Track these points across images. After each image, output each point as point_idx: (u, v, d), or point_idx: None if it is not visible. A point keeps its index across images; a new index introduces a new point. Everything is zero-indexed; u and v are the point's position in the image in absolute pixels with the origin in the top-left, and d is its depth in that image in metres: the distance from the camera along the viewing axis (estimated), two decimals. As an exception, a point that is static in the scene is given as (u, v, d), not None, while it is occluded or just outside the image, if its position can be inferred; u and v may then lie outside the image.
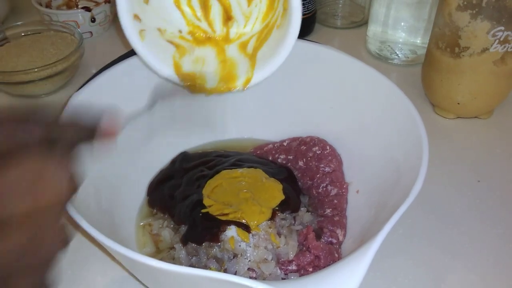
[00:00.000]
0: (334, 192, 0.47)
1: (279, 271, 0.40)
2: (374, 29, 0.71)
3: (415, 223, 0.47)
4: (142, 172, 0.50)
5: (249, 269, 0.40)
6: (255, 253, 0.40)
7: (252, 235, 0.41)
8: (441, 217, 0.49)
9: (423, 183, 0.35)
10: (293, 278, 0.40)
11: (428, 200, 0.49)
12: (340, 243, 0.43)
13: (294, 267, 0.40)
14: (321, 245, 0.41)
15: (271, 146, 0.53)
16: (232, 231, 0.41)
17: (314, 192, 0.48)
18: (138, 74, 0.46)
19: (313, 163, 0.49)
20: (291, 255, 0.41)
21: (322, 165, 0.48)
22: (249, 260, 0.40)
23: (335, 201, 0.46)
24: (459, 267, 0.44)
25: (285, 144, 0.52)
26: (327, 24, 0.81)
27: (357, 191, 0.47)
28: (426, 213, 0.49)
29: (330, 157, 0.49)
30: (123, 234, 0.43)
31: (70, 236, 0.27)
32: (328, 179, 0.48)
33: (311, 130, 0.52)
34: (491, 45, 0.52)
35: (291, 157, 0.51)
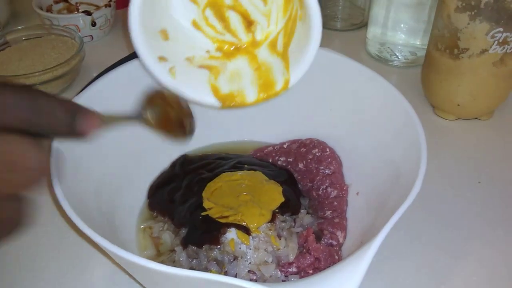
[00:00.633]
0: (334, 194, 0.47)
1: (279, 273, 0.40)
2: (373, 31, 0.71)
3: (415, 225, 0.47)
4: (142, 175, 0.50)
5: (249, 271, 0.40)
6: (255, 256, 0.40)
7: (252, 238, 0.41)
8: (441, 219, 0.49)
9: (422, 185, 0.35)
10: (293, 280, 0.40)
11: (428, 201, 0.50)
12: (340, 245, 0.43)
13: (294, 269, 0.40)
14: (321, 247, 0.41)
15: (271, 148, 0.53)
16: (232, 234, 0.41)
17: (314, 194, 0.48)
18: (139, 78, 0.46)
19: (313, 165, 0.49)
20: (291, 257, 0.41)
21: (322, 167, 0.49)
22: (250, 263, 0.40)
23: (335, 203, 0.46)
24: (460, 268, 0.44)
25: (285, 146, 0.53)
26: (327, 26, 0.81)
27: (357, 193, 0.47)
28: (426, 215, 0.49)
29: (330, 159, 0.49)
30: (124, 237, 0.43)
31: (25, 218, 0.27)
32: (328, 181, 0.48)
33: (311, 132, 0.52)
34: (490, 47, 0.52)
35: (291, 160, 0.51)
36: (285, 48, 0.43)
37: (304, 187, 0.49)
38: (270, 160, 0.52)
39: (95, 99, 0.44)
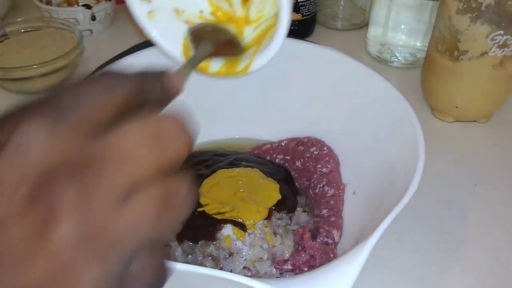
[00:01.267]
0: (330, 192, 0.47)
1: (274, 270, 0.40)
2: (374, 31, 0.71)
3: (411, 226, 0.47)
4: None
5: (244, 267, 0.40)
6: (250, 252, 0.40)
7: (248, 234, 0.41)
8: (437, 220, 0.49)
9: (419, 186, 0.35)
10: (288, 277, 0.40)
11: (424, 202, 0.49)
12: (335, 244, 0.43)
13: (289, 267, 0.40)
14: (317, 245, 0.41)
15: (269, 146, 0.53)
16: (228, 230, 0.41)
17: (311, 193, 0.48)
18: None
19: (311, 163, 0.49)
20: (287, 255, 0.41)
21: (319, 166, 0.49)
22: (245, 259, 0.40)
23: (332, 202, 0.46)
24: (456, 270, 0.44)
25: (283, 144, 0.53)
26: (327, 25, 0.81)
27: (354, 193, 0.47)
28: (422, 215, 0.49)
29: (327, 158, 0.49)
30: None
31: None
32: (325, 179, 0.48)
33: (309, 130, 0.52)
34: (490, 49, 0.52)
35: (289, 157, 0.51)
36: (263, 35, 0.43)
37: (301, 185, 0.49)
38: (268, 158, 0.52)
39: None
